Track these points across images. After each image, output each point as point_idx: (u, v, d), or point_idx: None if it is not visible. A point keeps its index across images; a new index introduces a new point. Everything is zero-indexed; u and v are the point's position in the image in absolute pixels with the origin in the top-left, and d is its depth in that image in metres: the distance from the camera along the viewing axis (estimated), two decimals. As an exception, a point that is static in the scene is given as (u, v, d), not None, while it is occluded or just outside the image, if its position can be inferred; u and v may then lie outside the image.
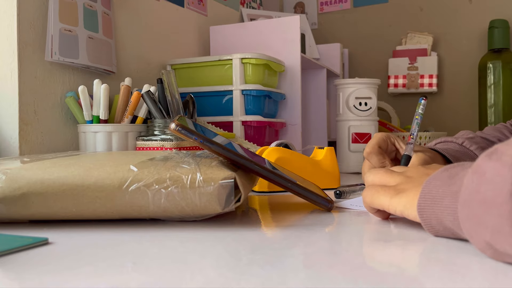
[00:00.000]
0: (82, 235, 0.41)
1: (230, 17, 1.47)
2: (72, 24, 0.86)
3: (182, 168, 0.46)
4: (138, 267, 0.32)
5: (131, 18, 1.06)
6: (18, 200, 0.44)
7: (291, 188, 0.51)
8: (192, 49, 1.28)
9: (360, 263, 0.32)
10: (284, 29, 1.19)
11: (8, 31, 0.80)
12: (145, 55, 1.09)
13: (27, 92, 0.81)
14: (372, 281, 0.28)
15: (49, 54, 0.82)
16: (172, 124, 0.47)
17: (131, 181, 0.44)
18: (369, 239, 0.41)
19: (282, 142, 0.87)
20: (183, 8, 1.24)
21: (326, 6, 1.84)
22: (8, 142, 0.80)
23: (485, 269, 0.31)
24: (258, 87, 1.05)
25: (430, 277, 0.29)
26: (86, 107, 0.83)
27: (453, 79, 1.66)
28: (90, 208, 0.44)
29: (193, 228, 0.44)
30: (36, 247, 0.37)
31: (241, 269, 0.31)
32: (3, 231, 0.42)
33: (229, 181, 0.44)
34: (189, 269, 0.31)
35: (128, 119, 0.85)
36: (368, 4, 1.78)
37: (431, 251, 0.36)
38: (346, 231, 0.44)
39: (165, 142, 0.81)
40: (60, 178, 0.44)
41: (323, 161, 0.77)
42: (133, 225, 0.45)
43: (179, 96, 0.88)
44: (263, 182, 0.69)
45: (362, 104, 1.09)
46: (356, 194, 0.64)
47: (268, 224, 0.47)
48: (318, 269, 0.31)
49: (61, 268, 0.31)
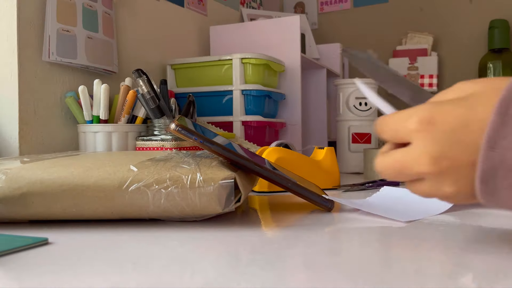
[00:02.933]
0: (82, 235, 0.41)
1: (230, 17, 1.47)
2: (70, 24, 0.86)
3: (182, 168, 0.45)
4: (138, 267, 0.32)
5: (131, 18, 1.06)
6: (18, 200, 0.44)
7: (291, 188, 0.51)
8: (192, 49, 1.28)
9: (360, 263, 0.32)
10: (284, 29, 1.19)
11: (8, 31, 0.80)
12: (145, 55, 1.09)
13: (27, 92, 0.81)
14: (372, 281, 0.28)
15: (46, 55, 0.82)
16: (172, 124, 0.47)
17: (131, 181, 0.44)
18: (369, 239, 0.41)
19: (282, 142, 0.87)
20: (183, 8, 1.24)
21: (326, 6, 1.84)
22: (8, 142, 0.80)
23: (485, 269, 0.31)
24: (258, 87, 1.05)
25: (430, 276, 0.29)
26: (86, 107, 0.83)
27: (453, 79, 1.65)
28: (90, 208, 0.44)
29: (193, 228, 0.44)
30: (36, 247, 0.37)
31: (241, 269, 0.31)
32: (3, 231, 0.42)
33: (229, 181, 0.44)
34: (189, 269, 0.31)
35: (125, 118, 0.85)
36: (368, 4, 1.78)
37: (431, 250, 0.36)
38: (346, 231, 0.44)
39: (165, 142, 0.81)
40: (60, 178, 0.44)
41: (323, 161, 0.77)
42: (133, 225, 0.45)
43: (162, 96, 0.88)
44: (263, 182, 0.69)
45: (362, 104, 1.09)
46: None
47: (268, 224, 0.47)
48: (318, 269, 0.31)
49: (61, 268, 0.31)
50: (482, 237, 0.41)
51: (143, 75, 0.83)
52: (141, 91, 0.83)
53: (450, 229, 0.43)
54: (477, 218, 0.48)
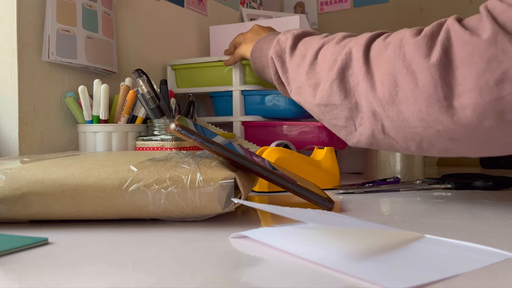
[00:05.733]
0: (82, 235, 0.42)
1: (230, 17, 1.47)
2: (70, 24, 0.86)
3: (182, 168, 0.46)
4: (138, 267, 0.32)
5: (131, 18, 1.06)
6: (18, 200, 0.44)
7: (291, 188, 0.51)
8: (192, 49, 1.28)
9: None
10: (284, 29, 1.19)
11: (8, 31, 0.80)
12: (145, 55, 1.09)
13: (27, 92, 0.81)
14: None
15: (46, 55, 0.82)
16: (172, 124, 0.47)
17: (131, 181, 0.44)
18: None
19: (282, 142, 0.87)
20: (183, 8, 1.24)
21: (326, 6, 1.84)
22: (8, 142, 0.80)
23: (485, 269, 0.31)
24: (258, 87, 1.05)
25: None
26: (86, 107, 0.83)
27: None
28: (90, 208, 0.44)
29: (193, 228, 0.44)
30: (36, 247, 0.37)
31: (241, 269, 0.31)
32: (3, 231, 0.42)
33: (229, 181, 0.44)
34: (189, 269, 0.31)
35: (125, 118, 0.85)
36: (368, 4, 1.78)
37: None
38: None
39: (165, 142, 0.81)
40: (60, 178, 0.44)
41: (323, 161, 0.77)
42: (133, 225, 0.45)
43: (162, 96, 0.88)
44: (263, 182, 0.69)
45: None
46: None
47: (268, 224, 0.47)
48: (317, 269, 0.31)
49: (61, 268, 0.31)
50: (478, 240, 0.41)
51: (143, 75, 0.83)
52: (141, 91, 0.83)
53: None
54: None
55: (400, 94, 0.49)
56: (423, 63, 0.47)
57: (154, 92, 0.84)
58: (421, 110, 0.48)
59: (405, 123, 0.50)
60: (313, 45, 0.63)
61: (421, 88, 0.47)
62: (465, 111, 0.45)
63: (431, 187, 0.75)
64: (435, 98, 0.46)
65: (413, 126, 0.49)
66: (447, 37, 0.47)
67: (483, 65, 0.43)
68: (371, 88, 0.52)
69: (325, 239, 0.37)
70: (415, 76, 0.48)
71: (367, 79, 0.52)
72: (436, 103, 0.46)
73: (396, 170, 0.91)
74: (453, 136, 0.48)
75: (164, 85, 0.89)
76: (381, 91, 0.51)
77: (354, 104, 0.55)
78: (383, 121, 0.52)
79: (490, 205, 0.58)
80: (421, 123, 0.49)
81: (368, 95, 0.52)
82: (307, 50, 0.63)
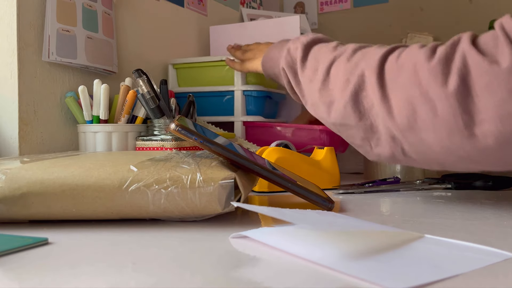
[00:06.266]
0: (82, 235, 0.41)
1: (230, 17, 1.47)
2: (70, 24, 0.86)
3: (182, 168, 0.46)
4: (138, 267, 0.32)
5: (131, 18, 1.06)
6: (18, 200, 0.44)
7: (291, 188, 0.51)
8: (192, 49, 1.28)
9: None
10: (284, 29, 1.19)
11: (8, 31, 0.80)
12: (145, 55, 1.09)
13: (27, 92, 0.81)
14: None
15: (46, 55, 0.82)
16: (172, 124, 0.47)
17: (131, 181, 0.44)
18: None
19: (282, 142, 0.87)
20: (183, 8, 1.24)
21: (326, 6, 1.84)
22: (8, 142, 0.80)
23: (485, 269, 0.31)
24: (259, 87, 1.05)
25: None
26: (86, 107, 0.83)
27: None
28: (90, 208, 0.44)
29: (193, 228, 0.44)
30: (36, 247, 0.37)
31: (241, 269, 0.31)
32: (3, 231, 0.42)
33: (229, 181, 0.44)
34: (189, 269, 0.31)
35: (125, 118, 0.85)
36: (368, 4, 1.78)
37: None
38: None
39: (165, 142, 0.81)
40: (60, 178, 0.44)
41: (323, 161, 0.77)
42: (133, 225, 0.45)
43: (162, 96, 0.88)
44: (263, 182, 0.69)
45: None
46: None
47: (268, 224, 0.47)
48: (317, 269, 0.31)
49: (61, 268, 0.31)
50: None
51: (143, 75, 0.83)
52: (141, 91, 0.83)
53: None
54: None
55: (419, 121, 0.48)
56: (441, 91, 0.46)
57: (154, 92, 0.84)
58: (443, 138, 0.47)
59: (427, 149, 0.49)
60: (323, 58, 0.62)
61: (440, 116, 0.46)
62: (487, 139, 0.44)
63: (431, 187, 0.75)
64: (455, 127, 0.45)
65: (435, 152, 0.49)
66: (464, 63, 0.45)
67: (504, 95, 0.42)
68: (388, 114, 0.51)
69: (325, 239, 0.37)
70: (433, 104, 0.46)
71: (383, 103, 0.51)
72: (457, 132, 0.46)
73: (396, 170, 0.91)
74: (474, 160, 0.47)
75: (164, 85, 0.89)
76: (399, 118, 0.50)
77: (369, 125, 0.53)
78: (403, 145, 0.51)
79: (490, 205, 0.58)
80: (443, 149, 0.48)
81: (385, 120, 0.51)
82: (318, 63, 0.62)
